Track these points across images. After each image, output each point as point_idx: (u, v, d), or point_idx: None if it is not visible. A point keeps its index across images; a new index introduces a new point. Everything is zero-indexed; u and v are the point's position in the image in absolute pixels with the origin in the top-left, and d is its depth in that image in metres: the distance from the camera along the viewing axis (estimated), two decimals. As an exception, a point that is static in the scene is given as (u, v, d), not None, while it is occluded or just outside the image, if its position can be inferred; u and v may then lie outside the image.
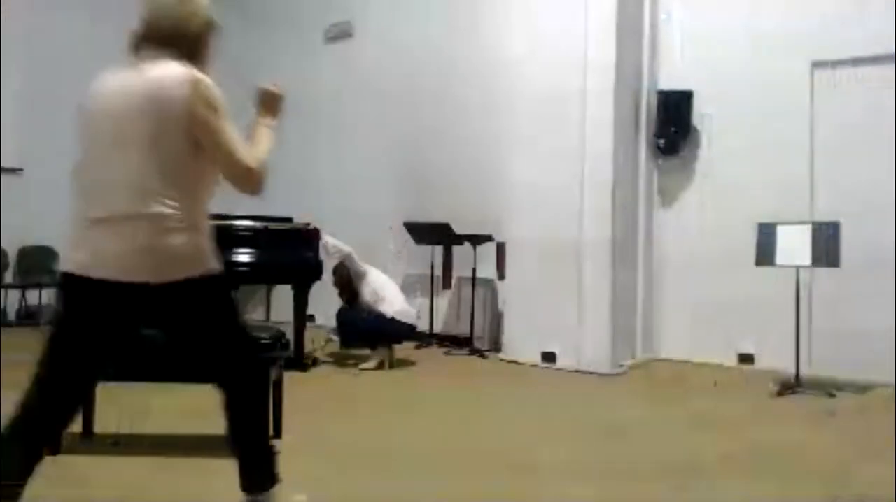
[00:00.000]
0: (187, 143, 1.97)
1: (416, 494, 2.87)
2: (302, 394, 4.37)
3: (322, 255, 5.58)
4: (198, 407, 3.95)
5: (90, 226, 2.02)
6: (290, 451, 3.31)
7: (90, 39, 8.13)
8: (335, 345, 5.88)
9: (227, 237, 5.44)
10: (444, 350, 6.39)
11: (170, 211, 1.96)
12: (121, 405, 3.79)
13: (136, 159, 1.95)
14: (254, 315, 8.43)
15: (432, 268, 6.65)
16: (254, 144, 2.13)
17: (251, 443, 2.32)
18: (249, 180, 2.06)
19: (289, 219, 5.70)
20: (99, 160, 2.03)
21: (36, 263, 7.63)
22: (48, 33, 7.76)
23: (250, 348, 2.33)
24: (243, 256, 5.40)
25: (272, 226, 5.62)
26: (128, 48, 2.10)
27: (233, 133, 2.02)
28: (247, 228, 5.53)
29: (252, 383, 2.28)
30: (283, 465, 3.13)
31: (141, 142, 1.95)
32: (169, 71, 1.99)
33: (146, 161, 1.95)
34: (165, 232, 1.95)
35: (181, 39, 2.07)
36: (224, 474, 2.97)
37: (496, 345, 6.37)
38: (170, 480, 2.93)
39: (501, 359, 6.00)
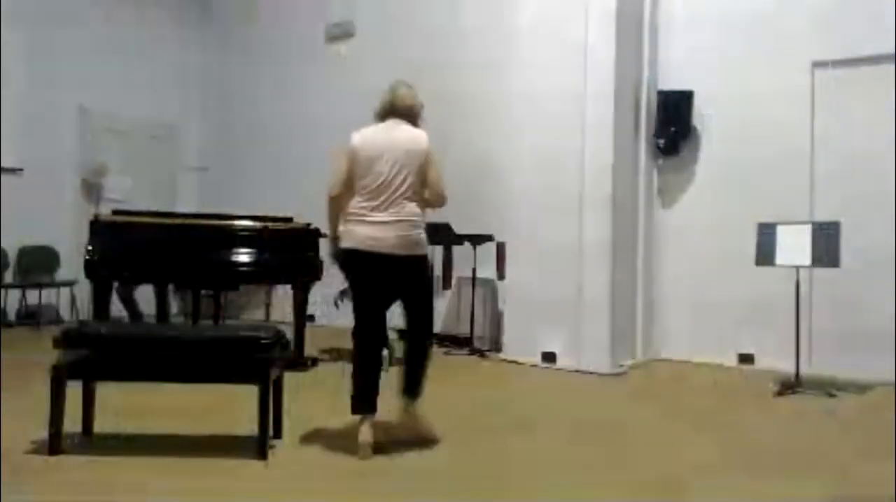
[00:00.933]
0: (421, 175, 3.42)
1: (415, 494, 2.87)
2: (302, 394, 4.38)
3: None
4: (198, 407, 3.98)
5: (371, 223, 3.33)
6: (289, 451, 3.32)
7: (90, 40, 8.17)
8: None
9: (227, 237, 5.44)
10: (444, 350, 6.38)
11: (417, 214, 3.41)
12: (121, 405, 3.79)
13: (408, 182, 3.38)
14: (254, 315, 8.44)
15: (432, 268, 6.64)
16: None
17: (420, 367, 3.55)
18: (443, 200, 3.53)
19: (289, 219, 5.70)
20: (380, 181, 3.36)
21: (36, 263, 7.64)
22: (48, 34, 7.76)
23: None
24: (244, 256, 5.40)
25: (272, 226, 5.62)
26: (377, 115, 3.57)
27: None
28: (247, 228, 5.53)
29: (430, 327, 3.63)
30: (284, 465, 3.15)
31: (408, 173, 3.38)
32: (414, 132, 3.51)
33: (410, 183, 3.38)
34: (415, 227, 3.39)
35: (411, 114, 3.57)
36: (224, 474, 2.98)
37: (496, 345, 6.38)
38: (170, 480, 2.93)
39: (501, 359, 6.00)
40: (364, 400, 3.31)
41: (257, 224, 5.62)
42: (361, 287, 3.41)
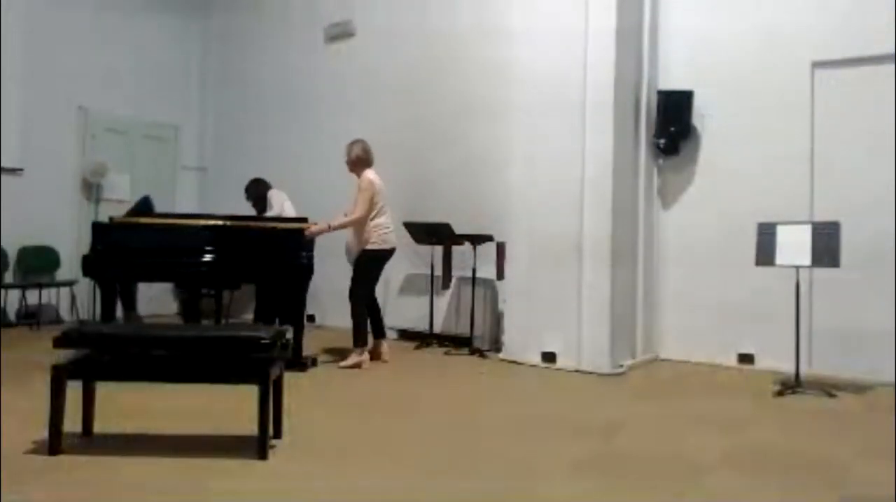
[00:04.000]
0: None
1: (415, 494, 2.87)
2: (302, 394, 4.38)
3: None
4: (198, 407, 3.98)
5: (391, 232, 5.66)
6: (289, 451, 3.33)
7: (90, 39, 8.17)
8: None
9: (228, 237, 5.44)
10: (444, 350, 6.39)
11: None
12: (121, 405, 3.80)
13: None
14: (252, 315, 8.43)
15: (432, 267, 6.65)
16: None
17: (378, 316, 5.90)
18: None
19: (304, 219, 5.70)
20: (387, 207, 5.67)
21: (36, 263, 7.64)
22: (48, 33, 7.77)
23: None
24: (244, 256, 5.39)
25: (272, 225, 5.62)
26: (369, 161, 5.80)
27: None
28: (247, 228, 5.53)
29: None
30: (283, 465, 3.15)
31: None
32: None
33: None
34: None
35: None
36: (224, 474, 2.98)
37: (496, 345, 6.37)
38: (170, 480, 2.94)
39: (501, 359, 6.00)
40: (364, 338, 5.58)
41: (258, 224, 5.62)
42: (380, 266, 5.69)
